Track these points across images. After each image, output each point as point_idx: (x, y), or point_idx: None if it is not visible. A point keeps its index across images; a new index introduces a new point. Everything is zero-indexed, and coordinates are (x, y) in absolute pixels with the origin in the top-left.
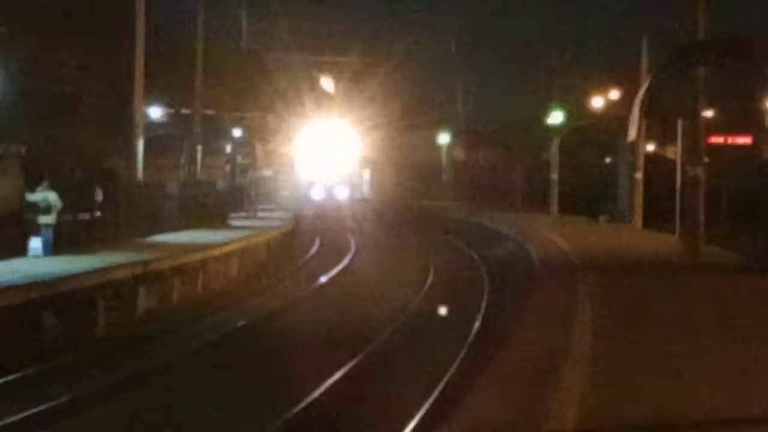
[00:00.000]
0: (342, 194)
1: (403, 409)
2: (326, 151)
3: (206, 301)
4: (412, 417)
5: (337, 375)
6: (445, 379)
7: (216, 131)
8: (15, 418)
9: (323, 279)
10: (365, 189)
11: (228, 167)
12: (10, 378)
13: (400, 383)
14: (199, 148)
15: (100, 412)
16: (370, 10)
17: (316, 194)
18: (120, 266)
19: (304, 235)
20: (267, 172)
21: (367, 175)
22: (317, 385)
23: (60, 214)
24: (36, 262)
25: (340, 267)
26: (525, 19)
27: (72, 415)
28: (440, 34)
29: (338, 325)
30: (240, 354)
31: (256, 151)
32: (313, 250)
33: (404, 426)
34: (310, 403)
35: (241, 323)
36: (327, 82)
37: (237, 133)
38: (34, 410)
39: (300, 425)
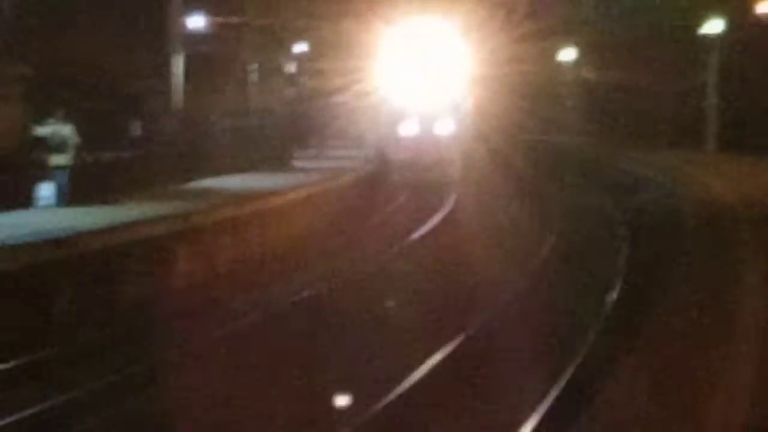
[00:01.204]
0: (445, 129)
1: None
2: (423, 68)
3: (262, 264)
4: None
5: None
6: None
7: (275, 45)
8: (15, 417)
9: (413, 236)
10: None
11: (291, 92)
12: (10, 365)
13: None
14: (254, 67)
15: (120, 409)
16: None
17: (409, 129)
18: (154, 220)
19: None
20: (342, 99)
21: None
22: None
23: (77, 152)
24: (46, 214)
25: (440, 216)
26: None
27: (85, 413)
28: None
29: (430, 302)
30: (301, 335)
31: (327, 70)
32: (401, 199)
33: None
34: None
35: (305, 294)
36: None
37: (302, 47)
38: (38, 408)
39: None
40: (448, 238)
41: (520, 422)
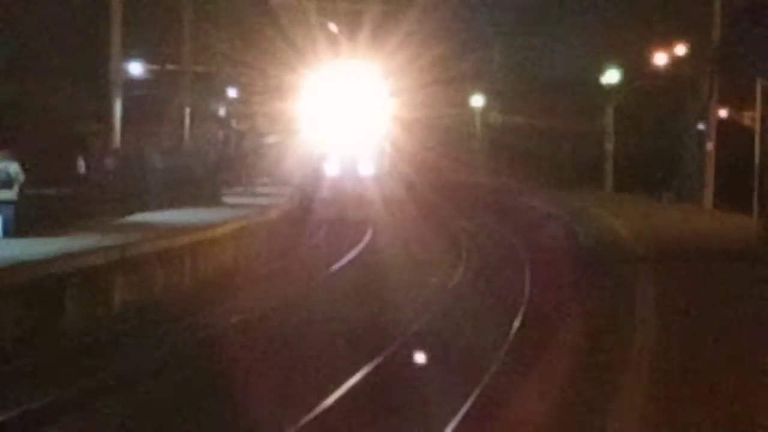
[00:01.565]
0: (366, 169)
1: None
2: (344, 111)
3: (195, 292)
4: None
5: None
6: None
7: (207, 91)
8: None
9: (333, 267)
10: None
11: (221, 134)
12: None
13: None
14: (188, 111)
15: (61, 426)
16: None
17: (331, 169)
18: (93, 251)
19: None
20: (269, 140)
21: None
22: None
23: (22, 188)
24: None
25: (358, 249)
26: None
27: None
28: None
29: (360, 307)
30: (229, 361)
31: (255, 114)
32: (323, 233)
33: None
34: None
35: (234, 319)
36: (342, 31)
37: (233, 93)
38: None
39: None
40: (365, 269)
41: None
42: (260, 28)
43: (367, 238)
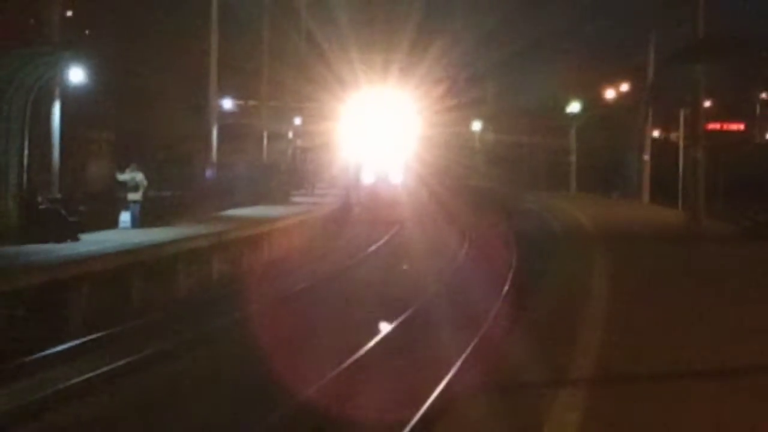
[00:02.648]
0: (395, 178)
1: None
2: (378, 132)
3: (270, 267)
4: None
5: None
6: None
7: (279, 119)
8: (104, 368)
9: (370, 249)
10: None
11: (290, 151)
12: (101, 334)
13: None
14: (265, 134)
15: (180, 364)
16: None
17: (368, 177)
18: (197, 236)
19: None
20: (323, 154)
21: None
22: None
23: (145, 191)
24: (125, 233)
25: (391, 233)
26: (548, 16)
27: (156, 366)
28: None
29: (390, 277)
30: (300, 314)
31: (313, 134)
32: (362, 225)
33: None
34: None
35: (300, 286)
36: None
37: (297, 120)
38: (120, 362)
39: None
40: (395, 248)
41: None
42: (316, 68)
43: (395, 228)
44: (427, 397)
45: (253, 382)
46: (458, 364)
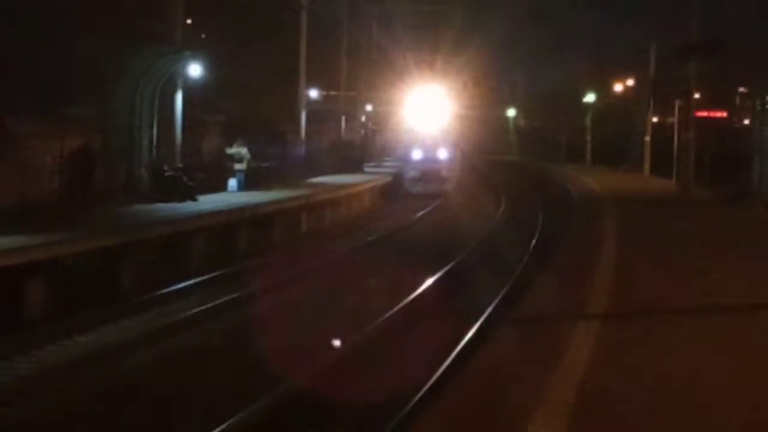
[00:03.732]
0: (443, 155)
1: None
2: (430, 115)
3: (346, 223)
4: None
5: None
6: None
7: (354, 105)
8: (217, 301)
9: (424, 211)
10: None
11: (362, 131)
12: (213, 274)
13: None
14: (343, 118)
15: (282, 296)
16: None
17: (417, 154)
18: (289, 198)
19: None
20: (388, 134)
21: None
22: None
23: (249, 163)
24: (233, 195)
25: (440, 200)
26: (563, 19)
27: (258, 299)
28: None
29: (440, 233)
30: (372, 258)
31: (380, 118)
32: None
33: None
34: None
35: (370, 238)
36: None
37: (368, 107)
38: (232, 296)
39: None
40: (444, 210)
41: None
42: (382, 65)
43: (440, 198)
44: (483, 312)
45: (347, 305)
46: (495, 301)
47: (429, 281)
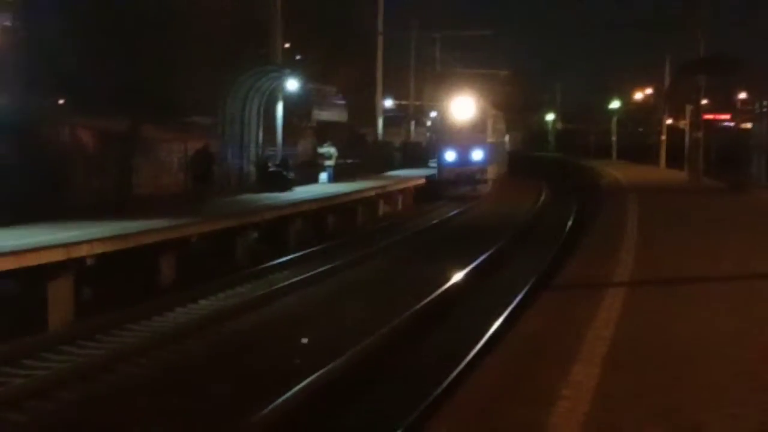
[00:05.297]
0: (477, 158)
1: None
2: (466, 125)
3: (417, 209)
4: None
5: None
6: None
7: (422, 113)
8: (312, 272)
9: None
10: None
11: (428, 134)
12: (308, 251)
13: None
14: (412, 123)
15: (363, 268)
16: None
17: (450, 159)
18: (369, 189)
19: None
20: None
21: (506, 138)
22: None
23: (336, 159)
24: (323, 186)
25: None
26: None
27: (345, 270)
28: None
29: (490, 218)
30: (436, 236)
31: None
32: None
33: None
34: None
35: (435, 221)
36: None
37: (433, 113)
38: (323, 268)
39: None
40: (490, 202)
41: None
42: (442, 79)
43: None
44: (524, 286)
45: (420, 276)
46: (540, 270)
47: (487, 252)
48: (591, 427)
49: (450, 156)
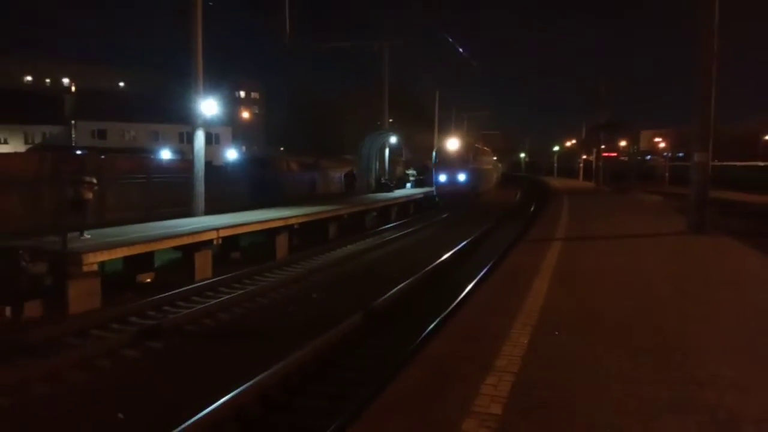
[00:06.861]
0: (462, 180)
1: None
2: (459, 157)
3: (447, 208)
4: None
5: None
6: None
7: (418, 149)
8: (402, 232)
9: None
10: (493, 175)
11: (431, 164)
12: (400, 222)
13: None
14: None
15: (428, 231)
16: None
17: (443, 178)
18: (408, 196)
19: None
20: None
21: (499, 165)
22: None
23: (416, 176)
24: (408, 190)
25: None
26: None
27: (419, 232)
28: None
29: (491, 202)
30: (445, 226)
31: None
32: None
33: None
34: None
35: (445, 215)
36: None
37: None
38: (408, 230)
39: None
40: (479, 207)
41: (503, 227)
42: (443, 130)
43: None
44: (508, 241)
45: (450, 237)
46: (515, 234)
47: (485, 227)
48: (546, 307)
49: (442, 177)
